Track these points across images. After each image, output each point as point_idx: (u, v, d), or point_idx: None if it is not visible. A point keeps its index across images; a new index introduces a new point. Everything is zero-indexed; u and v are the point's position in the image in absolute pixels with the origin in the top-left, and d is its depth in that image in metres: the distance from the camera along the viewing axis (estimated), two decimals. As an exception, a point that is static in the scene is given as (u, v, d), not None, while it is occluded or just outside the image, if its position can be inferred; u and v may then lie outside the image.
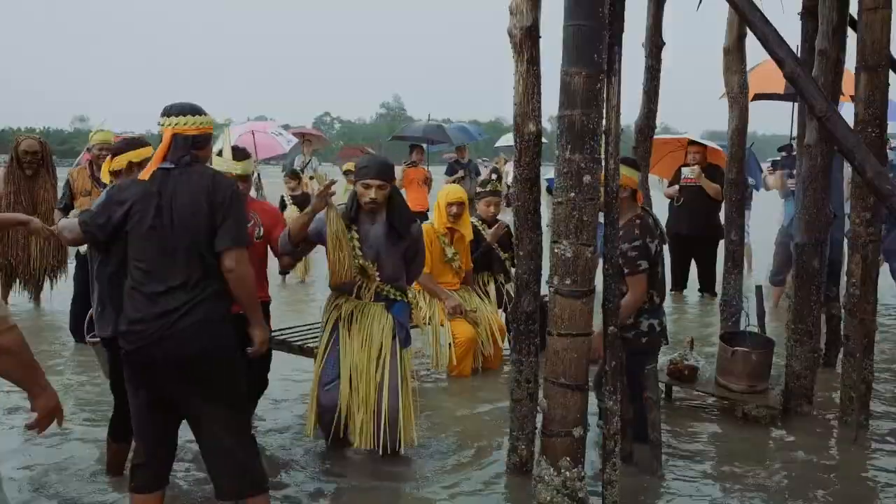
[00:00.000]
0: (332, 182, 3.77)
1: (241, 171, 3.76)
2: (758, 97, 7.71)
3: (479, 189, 6.28)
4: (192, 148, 2.97)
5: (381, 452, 3.80)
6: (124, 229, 2.93)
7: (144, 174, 2.96)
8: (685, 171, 8.35)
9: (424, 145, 13.23)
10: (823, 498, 3.66)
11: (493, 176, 9.35)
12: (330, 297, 4.03)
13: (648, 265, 3.96)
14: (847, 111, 4.46)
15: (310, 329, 5.07)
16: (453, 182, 9.54)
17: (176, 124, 2.97)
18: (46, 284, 7.33)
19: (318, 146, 15.09)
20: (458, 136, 13.28)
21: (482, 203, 6.07)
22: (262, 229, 3.94)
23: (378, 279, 3.90)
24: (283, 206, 9.51)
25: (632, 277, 3.93)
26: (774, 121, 10.58)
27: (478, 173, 11.59)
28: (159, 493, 3.07)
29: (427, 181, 11.66)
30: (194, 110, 3.02)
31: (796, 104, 7.16)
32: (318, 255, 4.70)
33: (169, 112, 3.01)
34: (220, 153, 3.77)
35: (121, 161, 3.58)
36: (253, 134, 12.08)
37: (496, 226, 5.98)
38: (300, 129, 12.81)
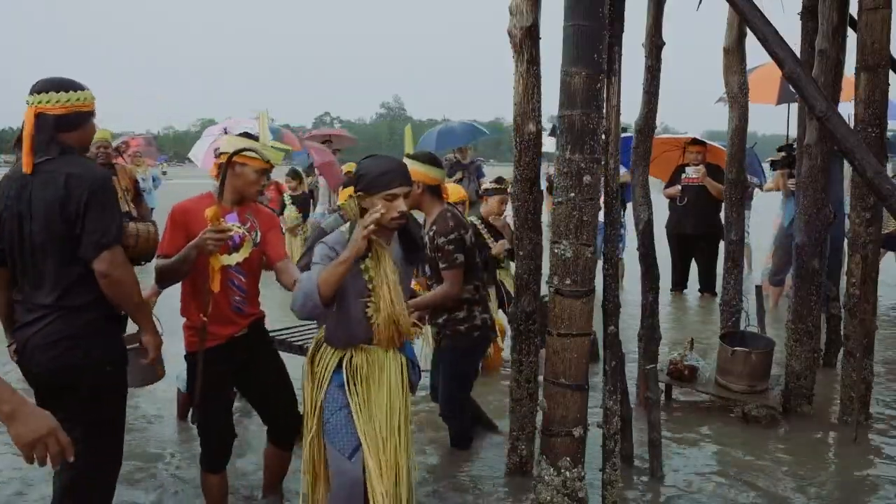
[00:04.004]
0: (378, 211, 2.64)
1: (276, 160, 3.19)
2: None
3: (494, 185, 6.11)
4: (56, 130, 2.62)
5: None
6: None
7: (25, 166, 2.62)
8: (689, 170, 8.37)
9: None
10: (823, 498, 3.66)
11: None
12: (322, 348, 2.95)
13: (465, 257, 3.84)
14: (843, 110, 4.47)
15: (309, 329, 5.06)
16: (453, 183, 9.46)
17: (39, 102, 2.61)
18: None
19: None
20: (465, 134, 12.79)
21: (496, 200, 5.95)
22: (259, 234, 3.22)
23: None
24: (282, 206, 9.47)
25: (449, 272, 3.78)
26: (774, 121, 10.57)
27: (480, 174, 11.29)
28: None
29: None
30: (61, 86, 2.64)
31: (791, 105, 7.20)
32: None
33: (32, 88, 2.64)
34: (253, 138, 3.23)
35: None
36: (226, 134, 11.54)
37: (500, 243, 5.90)
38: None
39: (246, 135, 3.19)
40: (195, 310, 3.08)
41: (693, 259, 8.66)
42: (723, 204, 5.76)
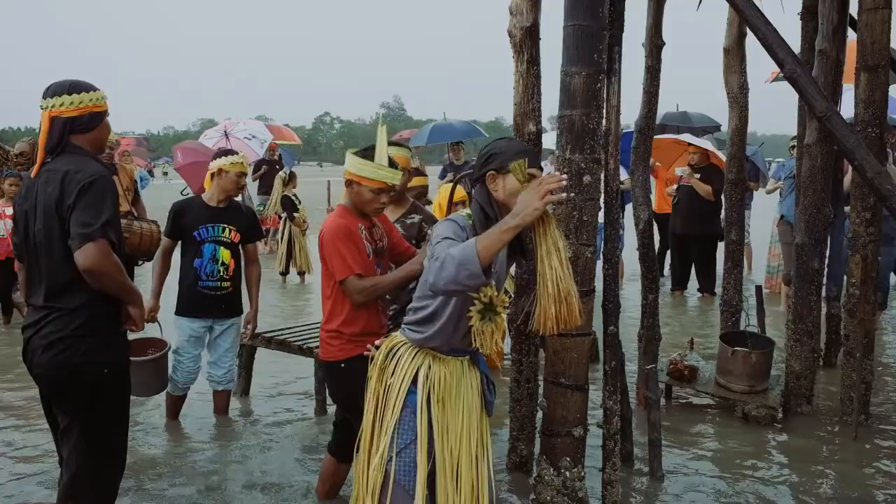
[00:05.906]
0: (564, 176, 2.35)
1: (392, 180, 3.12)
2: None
3: None
4: (70, 132, 2.62)
5: None
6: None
7: (34, 170, 2.66)
8: (677, 171, 8.41)
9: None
10: (823, 497, 3.65)
11: None
12: (399, 353, 2.61)
13: None
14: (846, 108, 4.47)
15: (309, 329, 5.06)
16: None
17: (53, 106, 2.61)
18: None
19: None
20: (463, 132, 12.29)
21: None
22: (388, 240, 3.25)
23: None
24: (294, 207, 9.48)
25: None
26: (775, 121, 10.57)
27: None
28: None
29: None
30: (74, 88, 2.63)
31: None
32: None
33: (45, 93, 2.64)
34: (369, 155, 3.10)
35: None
36: (227, 136, 11.06)
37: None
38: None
39: (364, 153, 3.14)
40: (355, 316, 3.05)
41: (692, 259, 8.67)
42: (721, 204, 5.77)
